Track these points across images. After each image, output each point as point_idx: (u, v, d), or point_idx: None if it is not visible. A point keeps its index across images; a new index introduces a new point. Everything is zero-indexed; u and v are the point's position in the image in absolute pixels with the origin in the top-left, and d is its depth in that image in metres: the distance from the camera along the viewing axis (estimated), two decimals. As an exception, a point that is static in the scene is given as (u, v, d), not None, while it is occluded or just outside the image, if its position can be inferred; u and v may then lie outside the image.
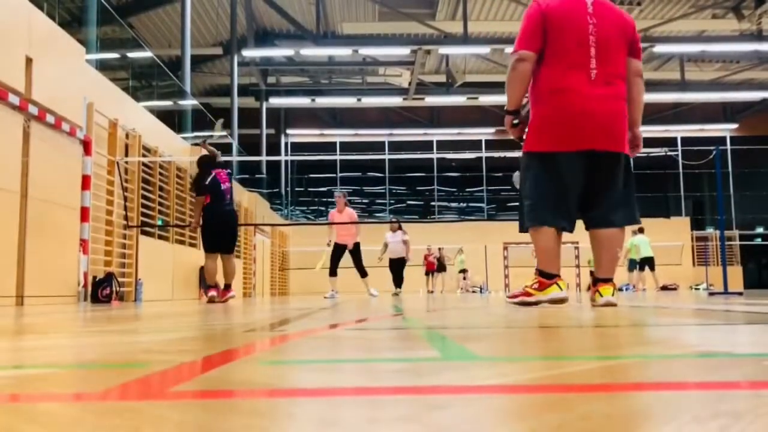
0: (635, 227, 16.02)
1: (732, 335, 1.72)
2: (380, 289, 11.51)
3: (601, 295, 3.55)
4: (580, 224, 3.71)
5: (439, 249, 20.27)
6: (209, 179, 7.33)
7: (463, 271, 21.12)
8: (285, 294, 21.11)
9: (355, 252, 10.78)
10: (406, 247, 12.64)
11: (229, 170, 7.71)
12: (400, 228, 12.83)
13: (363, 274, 10.81)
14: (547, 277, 3.58)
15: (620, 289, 18.94)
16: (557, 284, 3.56)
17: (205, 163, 7.55)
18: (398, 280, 12.73)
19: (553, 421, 0.60)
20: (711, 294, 9.26)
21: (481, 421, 0.61)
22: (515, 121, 3.63)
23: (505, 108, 3.68)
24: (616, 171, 3.51)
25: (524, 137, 3.65)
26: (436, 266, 20.20)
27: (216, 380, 0.92)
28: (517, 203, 3.95)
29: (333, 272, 10.65)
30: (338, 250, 10.76)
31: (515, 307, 3.62)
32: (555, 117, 3.46)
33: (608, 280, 3.58)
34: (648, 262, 16.09)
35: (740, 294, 8.55)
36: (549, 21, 3.46)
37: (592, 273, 3.42)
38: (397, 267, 12.76)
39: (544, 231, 3.55)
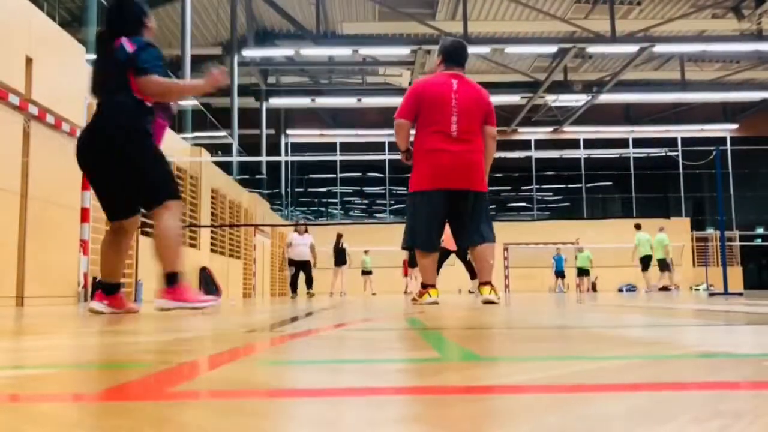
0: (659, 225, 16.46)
1: (732, 336, 1.72)
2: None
3: (481, 294, 4.67)
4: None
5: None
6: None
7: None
8: (285, 294, 21.11)
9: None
10: (311, 251, 13.00)
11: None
12: (306, 231, 13.25)
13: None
14: (424, 287, 4.82)
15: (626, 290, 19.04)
16: (429, 293, 4.75)
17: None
18: (309, 282, 13.07)
19: (553, 421, 0.60)
20: (711, 294, 9.26)
21: (481, 421, 0.61)
22: (407, 158, 4.81)
23: (399, 149, 4.86)
24: (467, 202, 4.62)
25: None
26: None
27: (216, 380, 0.92)
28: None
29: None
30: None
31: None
32: (430, 169, 4.60)
33: (487, 283, 4.65)
34: (649, 261, 16.15)
35: (740, 295, 8.55)
36: (422, 99, 4.61)
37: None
38: (302, 269, 13.08)
39: (423, 253, 4.75)
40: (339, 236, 16.42)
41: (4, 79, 5.79)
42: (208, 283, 11.97)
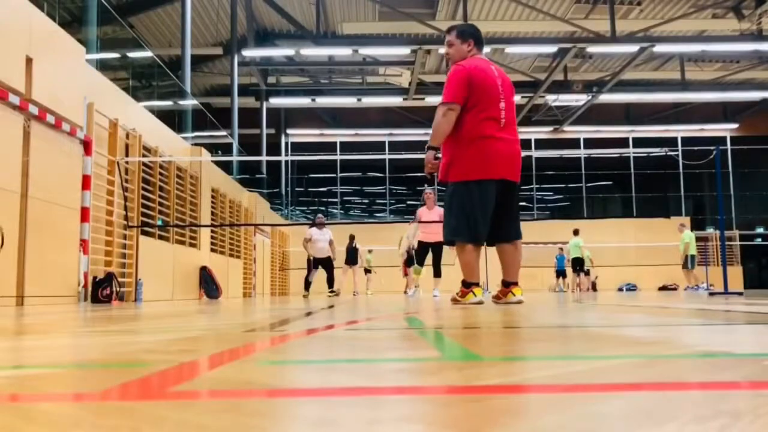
0: (681, 221, 16.82)
1: (732, 335, 1.72)
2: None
3: (514, 295, 4.49)
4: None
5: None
6: None
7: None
8: (285, 294, 21.11)
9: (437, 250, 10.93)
10: (330, 246, 12.50)
11: None
12: (325, 225, 12.74)
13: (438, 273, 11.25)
14: (467, 286, 4.60)
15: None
16: (473, 292, 4.54)
17: None
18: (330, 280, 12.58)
19: (553, 421, 0.60)
20: (711, 294, 9.26)
21: (481, 421, 0.61)
22: (438, 155, 4.49)
23: (429, 144, 4.48)
24: (514, 195, 4.52)
25: (435, 174, 4.61)
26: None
27: (216, 380, 0.92)
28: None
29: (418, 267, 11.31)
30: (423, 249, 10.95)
31: (509, 306, 4.13)
32: (483, 157, 4.32)
33: (514, 284, 4.52)
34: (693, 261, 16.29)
35: (740, 294, 8.55)
36: (473, 82, 4.32)
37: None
38: (324, 266, 12.67)
39: (468, 248, 4.48)
40: (352, 237, 16.56)
41: (4, 79, 5.79)
42: (208, 282, 11.97)
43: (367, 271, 20.91)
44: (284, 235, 22.52)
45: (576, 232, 17.94)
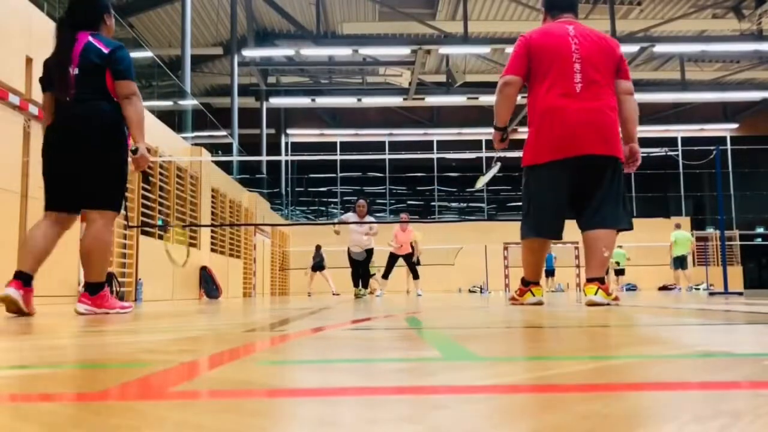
0: (675, 221, 16.69)
1: (732, 335, 1.72)
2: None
3: (586, 295, 3.72)
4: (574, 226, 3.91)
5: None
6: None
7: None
8: (285, 294, 21.11)
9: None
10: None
11: (95, 34, 3.61)
12: (368, 213, 10.71)
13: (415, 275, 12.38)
14: (525, 284, 4.18)
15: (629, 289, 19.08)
16: (532, 291, 4.12)
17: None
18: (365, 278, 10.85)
19: (553, 421, 0.60)
20: (711, 294, 9.26)
21: (481, 421, 0.61)
22: (504, 136, 4.07)
23: (495, 124, 4.06)
24: (605, 173, 3.75)
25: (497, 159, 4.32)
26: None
27: (216, 380, 0.92)
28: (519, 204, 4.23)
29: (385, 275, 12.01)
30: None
31: (515, 307, 3.97)
32: (547, 133, 3.74)
33: (593, 280, 3.71)
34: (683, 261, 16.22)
35: (740, 294, 8.55)
36: (534, 50, 3.83)
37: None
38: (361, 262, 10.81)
39: (534, 241, 3.97)
40: (318, 246, 17.43)
41: (4, 79, 5.78)
42: (208, 282, 11.97)
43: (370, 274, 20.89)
44: (284, 235, 22.52)
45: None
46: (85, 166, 3.43)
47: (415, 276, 12.55)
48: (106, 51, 3.46)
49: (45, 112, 3.56)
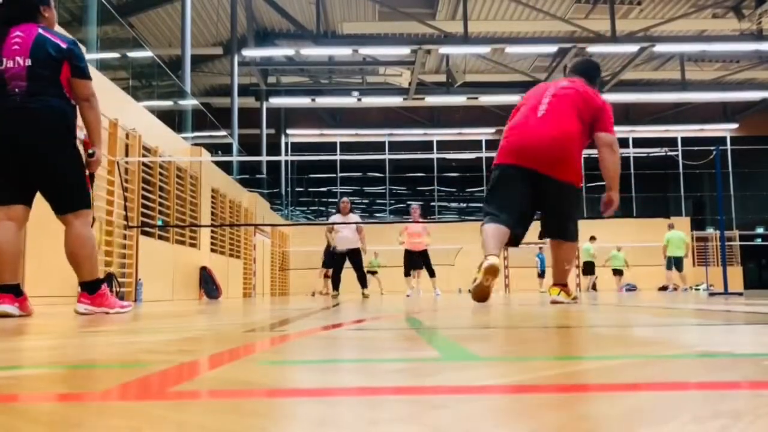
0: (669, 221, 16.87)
1: (732, 335, 1.72)
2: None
3: (550, 295, 4.44)
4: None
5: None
6: None
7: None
8: (285, 294, 21.11)
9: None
10: (360, 234, 10.42)
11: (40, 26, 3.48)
12: (352, 210, 10.77)
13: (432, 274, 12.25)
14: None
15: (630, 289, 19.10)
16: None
17: None
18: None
19: (553, 421, 0.60)
20: (711, 294, 9.26)
21: (481, 421, 0.61)
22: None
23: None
24: (552, 191, 4.21)
25: None
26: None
27: (216, 380, 0.92)
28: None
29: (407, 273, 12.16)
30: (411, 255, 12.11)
31: (515, 307, 4.08)
32: (509, 143, 4.31)
33: (557, 285, 4.42)
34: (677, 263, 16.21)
35: (740, 294, 8.55)
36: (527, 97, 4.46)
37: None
38: (350, 259, 10.53)
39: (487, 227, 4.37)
40: None
41: None
42: (208, 282, 11.97)
43: (372, 273, 20.89)
44: (284, 236, 22.53)
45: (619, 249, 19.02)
46: (42, 171, 3.34)
47: (432, 274, 12.34)
48: (63, 45, 3.35)
49: None
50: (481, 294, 4.14)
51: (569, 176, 4.22)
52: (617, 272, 19.54)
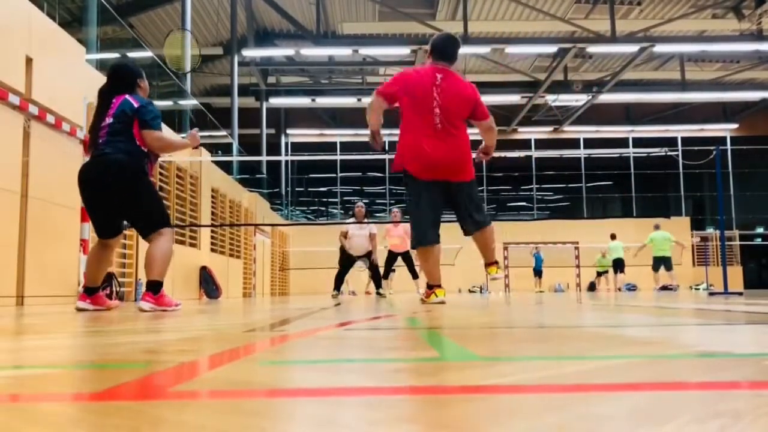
0: (656, 222, 16.90)
1: (732, 335, 1.72)
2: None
3: (490, 273, 4.86)
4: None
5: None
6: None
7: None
8: (285, 294, 21.11)
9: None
10: (372, 241, 10.97)
11: (133, 95, 4.35)
12: (366, 217, 11.26)
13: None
14: (431, 287, 4.86)
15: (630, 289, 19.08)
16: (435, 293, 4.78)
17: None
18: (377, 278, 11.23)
19: (553, 421, 0.60)
20: (711, 294, 9.26)
21: (481, 421, 0.61)
22: (373, 139, 4.99)
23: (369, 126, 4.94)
24: (463, 191, 4.65)
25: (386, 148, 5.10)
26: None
27: (216, 380, 0.92)
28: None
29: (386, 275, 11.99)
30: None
31: (514, 307, 4.13)
32: (415, 160, 4.62)
33: (493, 263, 4.89)
34: (666, 262, 16.13)
35: (740, 294, 8.55)
36: (406, 84, 4.66)
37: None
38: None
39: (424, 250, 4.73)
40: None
41: (4, 79, 5.78)
42: (208, 282, 11.97)
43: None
44: (284, 235, 22.52)
45: (614, 237, 18.97)
46: (123, 205, 4.13)
47: (414, 276, 12.61)
48: (135, 105, 4.19)
49: (85, 150, 4.36)
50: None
51: (471, 174, 4.73)
52: (618, 266, 19.05)
